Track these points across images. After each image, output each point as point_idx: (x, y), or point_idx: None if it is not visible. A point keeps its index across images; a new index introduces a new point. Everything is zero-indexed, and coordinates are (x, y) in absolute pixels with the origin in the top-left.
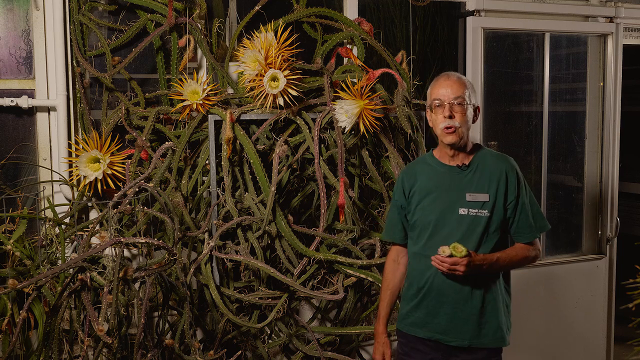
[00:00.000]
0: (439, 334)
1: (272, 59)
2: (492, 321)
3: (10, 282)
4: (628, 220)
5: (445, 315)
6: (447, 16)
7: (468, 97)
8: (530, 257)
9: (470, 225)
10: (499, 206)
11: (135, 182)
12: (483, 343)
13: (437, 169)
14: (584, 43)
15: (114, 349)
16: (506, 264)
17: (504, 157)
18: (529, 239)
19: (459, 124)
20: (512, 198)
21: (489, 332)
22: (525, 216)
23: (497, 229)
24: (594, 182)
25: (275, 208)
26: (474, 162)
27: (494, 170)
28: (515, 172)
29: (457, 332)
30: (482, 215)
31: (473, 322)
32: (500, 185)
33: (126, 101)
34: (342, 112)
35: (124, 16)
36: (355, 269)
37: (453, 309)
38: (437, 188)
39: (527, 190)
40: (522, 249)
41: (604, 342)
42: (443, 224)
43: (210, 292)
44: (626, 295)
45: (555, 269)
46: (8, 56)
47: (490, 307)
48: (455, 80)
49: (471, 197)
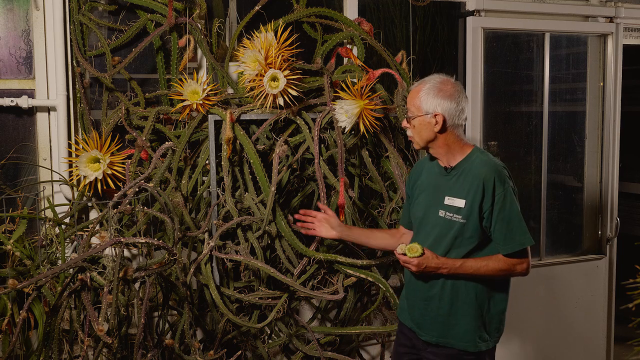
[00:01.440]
0: (415, 326)
1: (272, 59)
2: (462, 324)
3: (10, 282)
4: (628, 220)
5: (419, 309)
6: (447, 16)
7: (418, 107)
8: (508, 271)
9: (444, 227)
10: (474, 214)
11: (135, 182)
12: (450, 343)
13: (434, 168)
14: (584, 43)
15: (114, 349)
16: (473, 271)
17: (490, 165)
18: (506, 251)
19: (411, 134)
20: (487, 207)
21: (458, 334)
22: (501, 227)
23: (473, 235)
24: (594, 182)
25: (275, 208)
26: (460, 166)
27: (474, 177)
28: (494, 182)
29: (427, 328)
30: (457, 220)
31: (441, 321)
32: (477, 193)
33: (126, 101)
34: (342, 112)
35: (124, 16)
36: (355, 269)
37: (424, 305)
38: (429, 187)
39: (510, 201)
40: (497, 260)
41: (604, 342)
42: (425, 223)
43: (210, 292)
44: (626, 295)
45: (555, 269)
46: (8, 56)
47: (461, 310)
48: (412, 90)
49: (449, 200)
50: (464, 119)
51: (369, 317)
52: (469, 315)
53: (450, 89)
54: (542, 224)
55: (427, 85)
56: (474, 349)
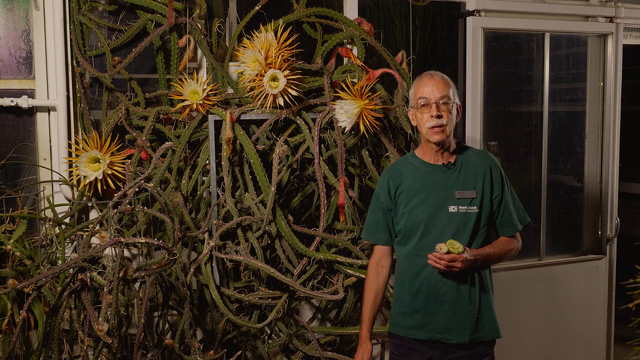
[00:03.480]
0: (439, 334)
1: (272, 59)
2: (486, 314)
3: (10, 282)
4: (628, 220)
5: (444, 314)
6: (447, 16)
7: (452, 95)
8: (514, 249)
9: (461, 222)
10: (486, 202)
11: (135, 182)
12: (482, 337)
13: (422, 169)
14: (584, 43)
15: (114, 349)
16: (497, 257)
17: (485, 153)
18: (512, 232)
19: (446, 122)
20: (497, 193)
21: (485, 326)
22: (509, 210)
23: (485, 224)
24: (594, 182)
25: (275, 208)
26: (458, 160)
27: (478, 167)
28: (498, 168)
29: (458, 330)
30: (472, 212)
31: (471, 318)
32: (485, 181)
33: (126, 101)
34: (342, 112)
35: (124, 16)
36: (355, 269)
37: (452, 307)
38: (425, 188)
39: (509, 184)
40: (506, 242)
41: (604, 342)
42: (434, 224)
43: (210, 292)
44: (626, 295)
45: (555, 269)
46: (8, 56)
47: (484, 300)
48: (440, 79)
49: (460, 194)
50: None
51: None
52: (489, 303)
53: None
54: (542, 224)
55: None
56: (499, 336)
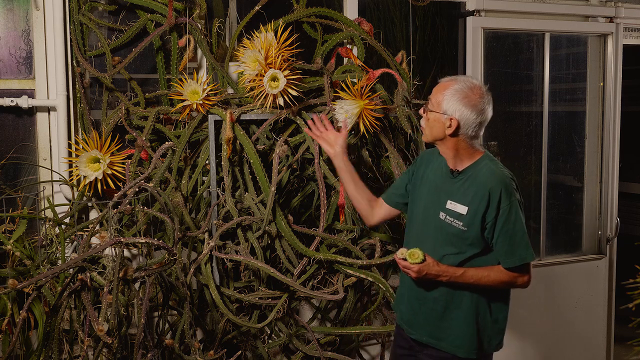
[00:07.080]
0: (405, 324)
1: (272, 59)
2: (454, 328)
3: (10, 282)
4: (628, 220)
5: (411, 308)
6: (447, 16)
7: (437, 103)
8: (509, 283)
9: (444, 231)
10: (476, 223)
11: (135, 182)
12: (440, 346)
13: (442, 167)
14: (584, 43)
15: (114, 349)
16: (474, 281)
17: (498, 175)
18: (507, 265)
19: (423, 124)
20: (490, 218)
21: (448, 338)
22: (503, 241)
23: (474, 243)
24: (594, 182)
25: (275, 208)
26: (467, 171)
27: (481, 186)
28: (500, 193)
29: (417, 327)
30: (457, 226)
31: (432, 323)
32: (481, 202)
33: (126, 101)
34: (342, 112)
35: (124, 16)
36: (355, 269)
37: (418, 302)
38: (432, 184)
39: (515, 215)
40: (499, 272)
41: (604, 342)
42: (426, 223)
43: (210, 292)
44: (626, 295)
45: (555, 269)
46: (8, 56)
47: (454, 315)
48: (440, 84)
49: (451, 205)
50: (480, 132)
51: (369, 317)
52: (462, 321)
53: (477, 99)
54: (542, 224)
55: (456, 85)
56: (464, 355)
